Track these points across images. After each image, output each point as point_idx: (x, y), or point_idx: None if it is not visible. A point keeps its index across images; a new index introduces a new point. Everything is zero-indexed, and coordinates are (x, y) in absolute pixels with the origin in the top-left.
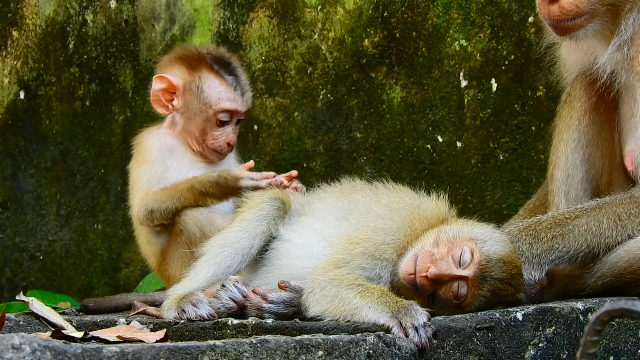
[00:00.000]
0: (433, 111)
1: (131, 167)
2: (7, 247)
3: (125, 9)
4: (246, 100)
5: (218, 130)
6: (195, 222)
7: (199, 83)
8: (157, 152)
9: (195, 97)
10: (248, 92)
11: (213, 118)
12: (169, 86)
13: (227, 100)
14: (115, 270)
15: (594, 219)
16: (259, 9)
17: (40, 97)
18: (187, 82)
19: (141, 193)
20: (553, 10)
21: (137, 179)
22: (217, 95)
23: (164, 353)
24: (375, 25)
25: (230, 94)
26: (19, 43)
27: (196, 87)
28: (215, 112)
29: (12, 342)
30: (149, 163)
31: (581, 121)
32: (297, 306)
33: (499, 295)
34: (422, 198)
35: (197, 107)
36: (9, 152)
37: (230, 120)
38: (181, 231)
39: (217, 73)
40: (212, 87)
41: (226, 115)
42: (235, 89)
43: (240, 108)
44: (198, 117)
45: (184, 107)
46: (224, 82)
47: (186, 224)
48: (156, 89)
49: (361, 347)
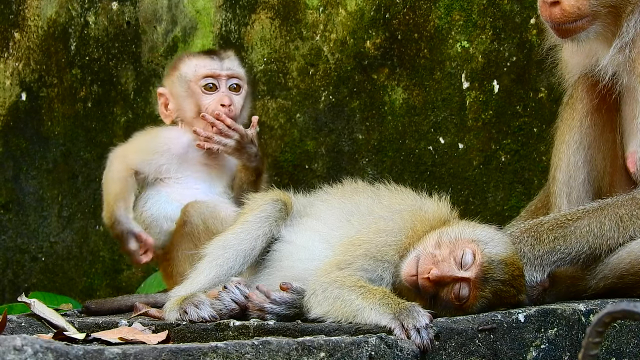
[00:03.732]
0: (435, 113)
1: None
2: (9, 248)
3: (127, 11)
4: (227, 65)
5: (207, 97)
6: (199, 214)
7: (178, 73)
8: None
9: (178, 85)
10: (229, 60)
11: (197, 89)
12: (164, 98)
13: (203, 67)
14: (117, 272)
15: (595, 220)
16: (260, 11)
17: (42, 98)
18: (171, 81)
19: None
20: (555, 12)
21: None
22: (194, 68)
23: (166, 355)
24: (377, 26)
25: (208, 62)
26: (21, 44)
27: (177, 77)
28: (196, 82)
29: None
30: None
31: (583, 123)
32: (299, 308)
33: (500, 297)
34: (423, 199)
35: (182, 91)
36: (11, 154)
37: (217, 86)
38: (185, 222)
39: (193, 55)
40: (188, 64)
41: (208, 80)
42: (212, 58)
43: (220, 71)
44: (187, 99)
45: (175, 102)
46: (199, 56)
47: (190, 216)
48: (159, 105)
49: (363, 348)
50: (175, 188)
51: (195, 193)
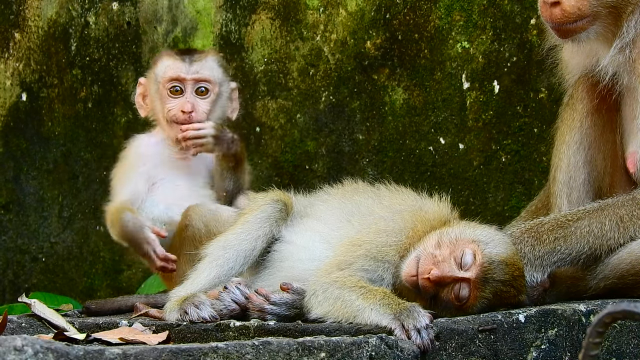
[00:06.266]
0: (435, 113)
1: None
2: (10, 249)
3: (127, 11)
4: (195, 69)
5: (172, 101)
6: (201, 217)
7: (155, 69)
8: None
9: (153, 82)
10: (200, 63)
11: (164, 91)
12: (143, 89)
13: (171, 69)
14: (118, 272)
15: (596, 220)
16: (261, 11)
17: (42, 99)
18: (150, 76)
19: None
20: (555, 13)
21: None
22: (164, 69)
23: (166, 355)
24: (378, 27)
25: (177, 64)
26: (21, 45)
27: (154, 74)
28: (163, 84)
29: (15, 344)
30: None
31: (583, 123)
32: (300, 308)
33: (501, 297)
34: (424, 200)
35: (154, 90)
36: (11, 154)
37: (183, 90)
38: (186, 226)
39: (169, 54)
40: (162, 64)
41: (174, 83)
42: (183, 61)
43: (185, 74)
44: (157, 99)
45: (150, 98)
46: (171, 57)
47: (192, 219)
48: (136, 95)
49: (363, 349)
50: (159, 190)
51: (179, 189)
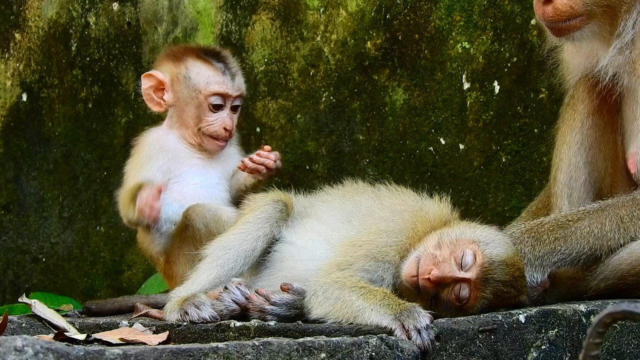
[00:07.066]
0: (435, 113)
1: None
2: (10, 249)
3: (127, 12)
4: (237, 84)
5: (212, 115)
6: (201, 217)
7: (185, 72)
8: (149, 148)
9: (184, 86)
10: (239, 77)
11: (205, 103)
12: (157, 83)
13: (216, 84)
14: (118, 273)
15: (596, 221)
16: (261, 12)
17: (42, 99)
18: (174, 74)
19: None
20: (547, 10)
21: (126, 175)
22: (206, 80)
23: (167, 355)
24: (378, 27)
25: (219, 78)
26: (22, 45)
27: (184, 77)
28: (205, 97)
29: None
30: (137, 160)
31: (584, 124)
32: (300, 308)
33: (501, 298)
34: (424, 200)
35: (187, 95)
36: (12, 155)
37: (224, 105)
38: (187, 226)
39: (203, 59)
40: (200, 72)
41: (218, 98)
42: (224, 73)
43: (231, 91)
44: (190, 105)
45: (175, 99)
46: (211, 67)
47: (192, 220)
48: (145, 87)
49: (364, 349)
50: (174, 188)
51: (194, 189)
